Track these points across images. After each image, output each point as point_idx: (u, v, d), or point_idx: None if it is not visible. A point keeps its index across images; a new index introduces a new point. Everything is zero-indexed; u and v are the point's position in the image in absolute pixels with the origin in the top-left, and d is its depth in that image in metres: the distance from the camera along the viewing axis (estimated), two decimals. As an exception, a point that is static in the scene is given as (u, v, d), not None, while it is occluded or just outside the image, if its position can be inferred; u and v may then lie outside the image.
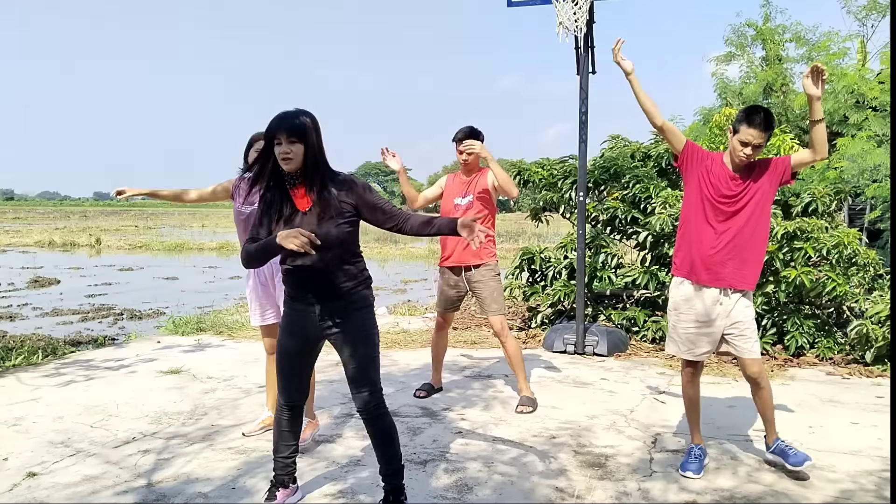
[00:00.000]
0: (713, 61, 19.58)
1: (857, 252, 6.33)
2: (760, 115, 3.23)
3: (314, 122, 2.78)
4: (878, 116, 11.63)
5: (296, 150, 2.69)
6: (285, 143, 2.69)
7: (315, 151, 2.74)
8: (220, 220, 50.12)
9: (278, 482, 3.04)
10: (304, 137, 2.70)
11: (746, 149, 3.24)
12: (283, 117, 2.72)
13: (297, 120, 2.71)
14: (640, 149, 7.72)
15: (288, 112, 2.75)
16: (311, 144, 2.72)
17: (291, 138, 2.68)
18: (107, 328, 8.27)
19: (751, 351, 3.37)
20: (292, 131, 2.68)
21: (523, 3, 6.23)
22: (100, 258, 18.95)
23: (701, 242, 3.35)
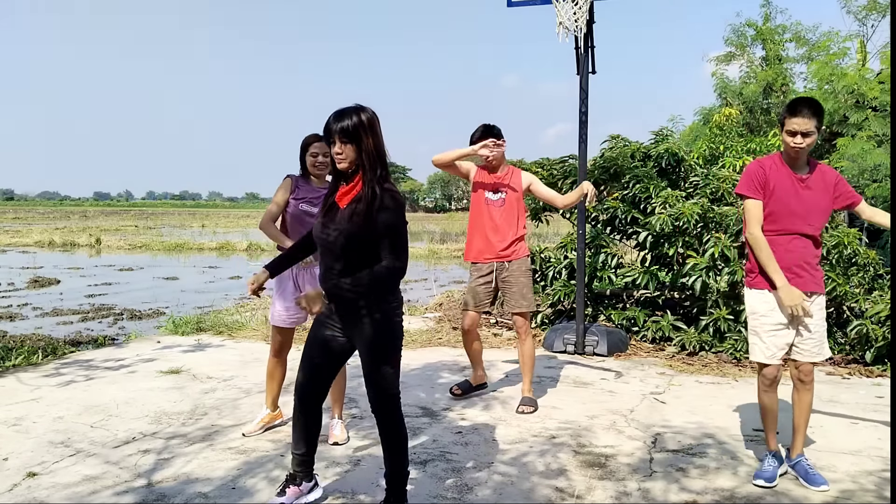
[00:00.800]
0: (713, 61, 19.63)
1: (857, 252, 6.34)
2: (804, 103, 3.24)
3: (370, 119, 2.73)
4: (878, 116, 11.63)
5: (347, 151, 2.69)
6: (338, 143, 2.69)
7: (368, 151, 2.70)
8: (220, 220, 50.14)
9: (291, 478, 3.02)
10: (356, 138, 2.69)
11: (796, 138, 3.23)
12: (337, 116, 2.70)
13: (350, 119, 2.68)
14: (640, 149, 7.72)
15: (343, 110, 2.72)
16: (362, 144, 2.70)
17: (343, 138, 2.68)
18: (107, 328, 8.27)
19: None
20: (344, 131, 2.67)
21: (523, 3, 6.23)
22: (100, 258, 18.96)
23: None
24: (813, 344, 3.34)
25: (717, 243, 6.29)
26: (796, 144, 3.23)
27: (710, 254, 6.32)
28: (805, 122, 3.19)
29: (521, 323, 4.68)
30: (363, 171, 2.72)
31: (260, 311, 8.66)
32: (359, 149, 2.70)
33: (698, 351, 6.23)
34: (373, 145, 2.72)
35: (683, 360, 6.03)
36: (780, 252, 3.30)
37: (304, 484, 3.04)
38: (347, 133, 2.67)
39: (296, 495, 3.00)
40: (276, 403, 4.12)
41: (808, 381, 3.39)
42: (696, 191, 7.05)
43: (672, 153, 7.41)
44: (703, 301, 6.46)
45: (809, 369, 3.38)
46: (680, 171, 7.55)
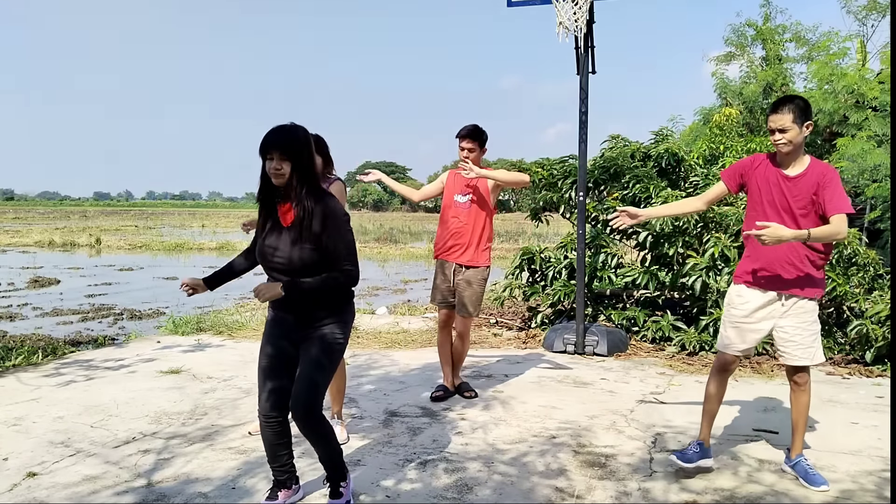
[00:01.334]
0: (713, 61, 19.63)
1: (857, 252, 6.34)
2: (781, 101, 3.26)
3: (307, 137, 2.78)
4: (878, 116, 11.63)
5: (286, 167, 2.70)
6: (277, 159, 2.70)
7: (304, 169, 2.73)
8: (220, 220, 50.13)
9: (279, 483, 3.04)
10: (295, 155, 2.71)
11: (774, 135, 3.26)
12: (277, 132, 2.72)
13: (290, 136, 2.72)
14: (640, 149, 7.72)
15: (282, 127, 2.75)
16: (300, 162, 2.72)
17: (283, 155, 2.69)
18: (107, 328, 8.27)
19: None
20: (284, 148, 2.69)
21: (523, 3, 6.23)
22: (100, 258, 18.96)
23: None
24: (794, 347, 3.32)
25: (717, 243, 6.30)
26: (775, 141, 3.27)
27: (710, 254, 6.33)
28: (780, 118, 3.21)
29: (461, 326, 4.82)
30: (297, 190, 2.72)
31: (260, 312, 8.67)
32: (295, 167, 2.71)
33: (698, 351, 6.23)
34: (307, 165, 2.75)
35: (683, 360, 6.03)
36: (758, 249, 3.32)
37: (294, 486, 3.07)
38: (288, 149, 2.69)
39: (287, 496, 3.04)
40: None
41: (802, 383, 3.39)
42: (696, 191, 7.05)
43: (672, 153, 7.42)
44: (703, 301, 6.47)
45: (800, 374, 3.38)
46: (680, 171, 7.55)
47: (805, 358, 3.32)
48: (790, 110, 3.20)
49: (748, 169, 3.41)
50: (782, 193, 3.29)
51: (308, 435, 2.85)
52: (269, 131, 2.73)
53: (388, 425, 4.19)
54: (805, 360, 3.32)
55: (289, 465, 3.03)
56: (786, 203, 3.28)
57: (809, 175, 3.27)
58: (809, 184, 3.26)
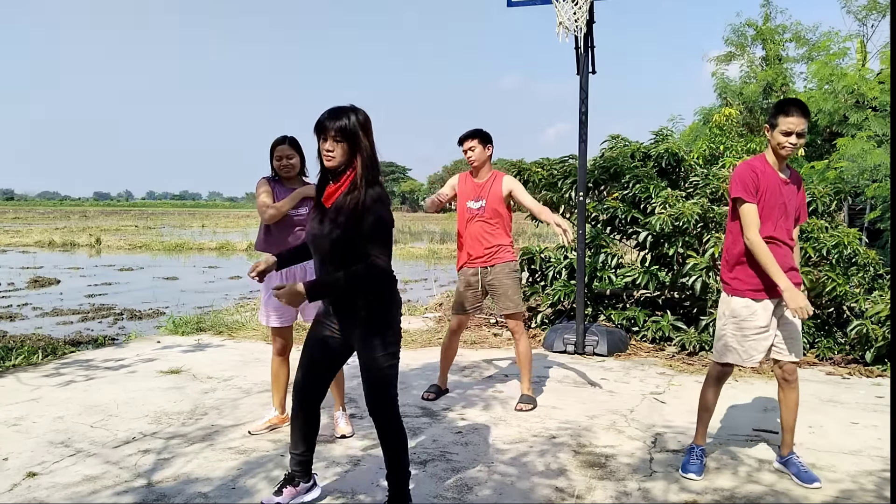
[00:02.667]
0: (713, 61, 19.65)
1: (857, 252, 6.34)
2: (794, 104, 3.26)
3: (364, 120, 2.71)
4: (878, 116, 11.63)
5: (338, 150, 2.67)
6: (329, 140, 2.67)
7: (360, 152, 2.69)
8: (219, 220, 50.13)
9: (288, 478, 3.02)
10: (349, 137, 2.67)
11: (791, 138, 3.23)
12: (332, 114, 2.68)
13: (345, 118, 2.67)
14: (640, 149, 7.72)
15: (338, 108, 2.70)
16: (355, 144, 2.68)
17: (336, 136, 2.66)
18: (107, 328, 8.27)
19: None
20: (338, 130, 2.65)
21: (523, 3, 6.23)
22: (100, 258, 18.95)
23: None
24: (792, 344, 3.37)
25: (717, 243, 6.29)
26: (791, 144, 3.24)
27: (710, 254, 6.33)
28: (800, 121, 3.22)
29: (512, 325, 4.71)
30: (354, 172, 2.70)
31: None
32: (351, 149, 2.68)
33: (698, 351, 6.23)
34: (367, 146, 2.70)
35: (683, 360, 6.03)
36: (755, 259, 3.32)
37: (302, 484, 3.04)
38: (342, 131, 2.66)
39: (292, 496, 3.01)
40: (283, 406, 4.12)
41: (793, 380, 3.41)
42: (696, 191, 7.05)
43: (672, 153, 7.42)
44: (703, 301, 6.46)
45: (792, 368, 3.40)
46: (680, 171, 7.55)
47: (799, 352, 3.41)
48: (804, 114, 3.23)
49: (758, 178, 3.31)
50: (782, 196, 3.31)
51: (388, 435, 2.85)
52: (325, 112, 2.69)
53: (388, 425, 4.18)
54: (800, 354, 3.41)
55: (307, 457, 3.01)
56: (784, 205, 3.32)
57: (794, 178, 3.39)
58: (795, 188, 3.37)
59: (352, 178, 2.70)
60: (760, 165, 3.36)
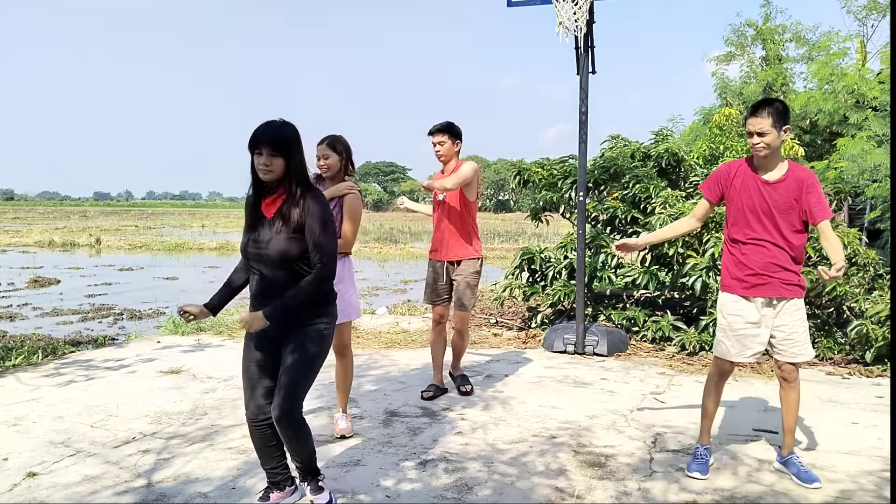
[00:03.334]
0: (713, 61, 19.64)
1: (857, 252, 6.34)
2: (760, 104, 3.27)
3: (296, 135, 2.79)
4: (878, 116, 11.62)
5: (276, 163, 2.72)
6: (266, 155, 2.71)
7: (294, 165, 2.76)
8: (220, 220, 50.12)
9: (273, 485, 3.03)
10: (286, 151, 2.73)
11: (753, 138, 3.26)
12: (267, 129, 2.74)
13: (281, 133, 2.73)
14: (640, 149, 7.72)
15: (271, 123, 2.77)
16: (291, 158, 2.74)
17: (273, 151, 2.71)
18: (107, 328, 8.27)
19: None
20: (275, 144, 2.71)
21: (523, 3, 6.23)
22: (100, 258, 18.95)
23: None
24: (791, 345, 3.34)
25: (718, 243, 6.29)
26: (753, 144, 3.27)
27: (710, 254, 6.33)
28: (759, 121, 3.21)
29: (457, 320, 4.87)
30: (288, 184, 2.76)
31: (260, 311, 8.65)
32: (287, 162, 2.73)
33: (698, 351, 6.23)
34: (299, 158, 2.78)
35: (683, 360, 6.03)
36: (737, 257, 3.36)
37: (288, 488, 3.05)
38: (280, 145, 2.71)
39: (280, 498, 3.02)
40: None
41: (792, 380, 3.41)
42: (696, 191, 7.05)
43: (672, 153, 7.42)
44: (703, 301, 6.46)
45: (790, 369, 3.40)
46: (680, 171, 7.55)
47: (801, 355, 3.35)
48: (769, 114, 3.20)
49: (725, 178, 3.41)
50: (763, 198, 3.30)
51: (287, 439, 2.84)
52: (259, 127, 2.75)
53: (388, 425, 4.19)
54: (801, 356, 3.36)
55: (282, 467, 3.02)
56: (766, 207, 3.29)
57: (789, 181, 3.29)
58: (790, 189, 3.28)
59: (289, 189, 2.76)
60: (739, 166, 3.39)
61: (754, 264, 3.32)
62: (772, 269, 3.30)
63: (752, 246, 3.32)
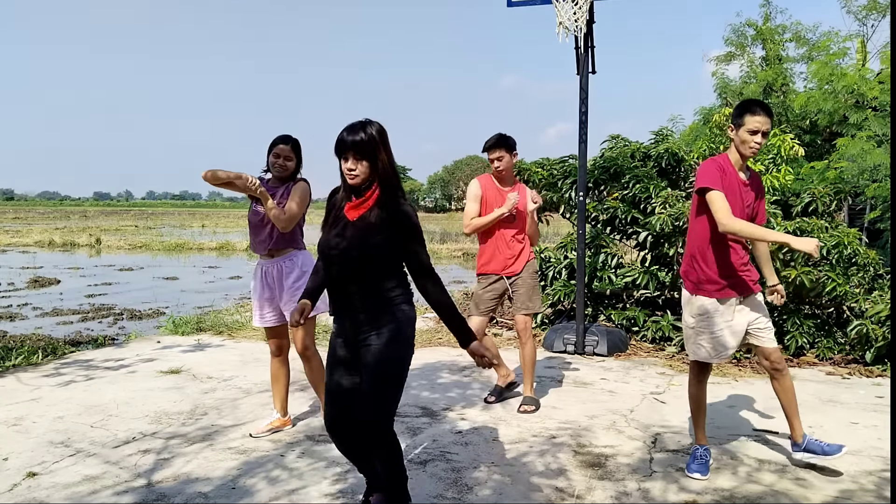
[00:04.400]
0: (713, 61, 19.65)
1: (857, 252, 6.33)
2: (758, 104, 3.30)
3: (382, 134, 2.66)
4: (878, 116, 11.62)
5: (361, 167, 2.61)
6: (352, 159, 2.60)
7: (382, 167, 2.65)
8: (220, 219, 50.13)
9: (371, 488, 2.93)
10: (371, 154, 2.61)
11: (757, 136, 3.25)
12: (351, 131, 2.61)
13: (364, 135, 2.60)
14: (640, 149, 7.72)
15: (355, 125, 2.63)
16: (377, 160, 2.63)
17: (357, 154, 2.60)
18: (107, 328, 8.27)
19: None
20: (359, 149, 2.59)
21: (523, 3, 6.24)
22: (100, 258, 18.96)
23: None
24: (770, 331, 3.43)
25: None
26: (757, 143, 3.27)
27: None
28: (766, 120, 3.25)
29: (521, 324, 4.67)
30: (379, 187, 2.65)
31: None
32: (373, 164, 2.63)
33: (698, 351, 6.22)
34: (387, 160, 2.66)
35: (683, 360, 6.03)
36: (721, 257, 3.35)
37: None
38: (363, 149, 2.60)
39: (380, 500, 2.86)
40: (285, 409, 4.12)
41: (781, 367, 3.43)
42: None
43: (672, 153, 7.41)
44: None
45: (778, 355, 3.42)
46: (680, 171, 7.55)
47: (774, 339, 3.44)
48: (769, 114, 3.26)
49: (722, 173, 3.35)
50: (741, 196, 3.34)
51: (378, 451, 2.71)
52: (344, 130, 2.63)
53: (388, 425, 4.18)
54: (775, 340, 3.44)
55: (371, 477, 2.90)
56: (742, 206, 3.34)
57: (754, 180, 3.42)
58: (755, 189, 3.40)
59: (378, 194, 2.65)
60: (724, 164, 3.39)
61: (732, 265, 3.35)
62: (742, 269, 3.38)
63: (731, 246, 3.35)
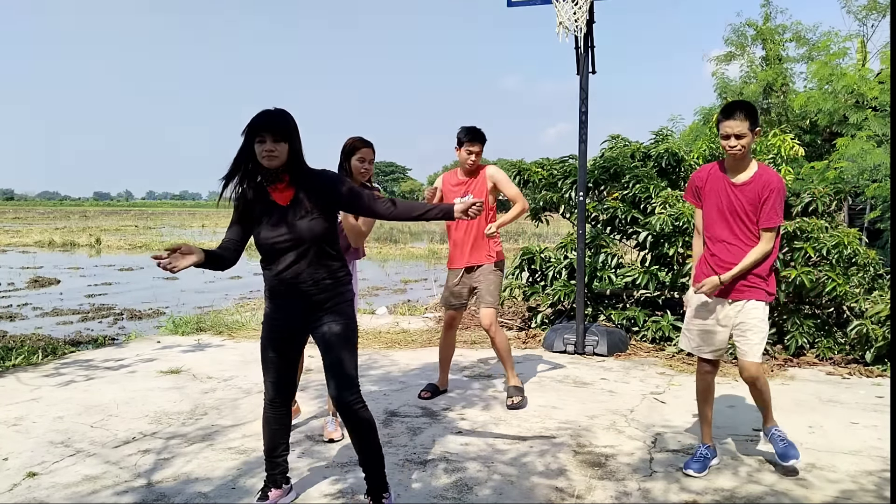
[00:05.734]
0: (713, 61, 19.64)
1: (857, 252, 6.33)
2: (735, 106, 3.28)
3: (294, 121, 2.88)
4: (878, 116, 11.61)
5: (280, 149, 2.77)
6: (270, 141, 2.75)
7: (297, 149, 2.85)
8: (220, 220, 50.09)
9: (271, 482, 3.06)
10: (289, 136, 2.79)
11: (729, 140, 3.26)
12: (270, 116, 2.79)
13: (283, 119, 2.81)
14: (640, 149, 7.71)
15: (272, 111, 2.82)
16: (294, 143, 2.82)
17: (277, 137, 2.76)
18: (107, 328, 8.27)
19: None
20: (278, 130, 2.76)
21: (523, 3, 6.23)
22: (100, 258, 18.96)
23: None
24: (743, 342, 3.39)
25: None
26: (730, 147, 3.27)
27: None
28: (737, 124, 3.22)
29: (486, 320, 4.64)
30: (293, 169, 2.83)
31: (260, 312, 8.66)
32: (291, 147, 2.80)
33: (698, 351, 6.21)
34: (299, 146, 2.87)
35: (683, 360, 6.03)
36: (705, 255, 3.46)
37: (284, 486, 3.09)
38: (283, 131, 2.77)
39: (278, 497, 3.05)
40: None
41: (746, 378, 3.44)
42: (696, 191, 7.04)
43: (672, 153, 7.41)
44: (703, 301, 6.45)
45: (745, 365, 3.40)
46: (680, 171, 7.54)
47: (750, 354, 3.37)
48: (745, 116, 3.23)
49: (701, 182, 3.47)
50: (730, 200, 3.35)
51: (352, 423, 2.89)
52: (260, 114, 2.79)
53: (388, 425, 4.18)
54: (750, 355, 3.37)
55: (283, 459, 3.07)
56: (733, 209, 3.34)
57: (755, 183, 3.33)
58: (755, 192, 3.32)
59: (297, 174, 2.84)
60: (711, 168, 3.45)
61: (714, 263, 3.38)
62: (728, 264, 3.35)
63: (722, 245, 3.37)
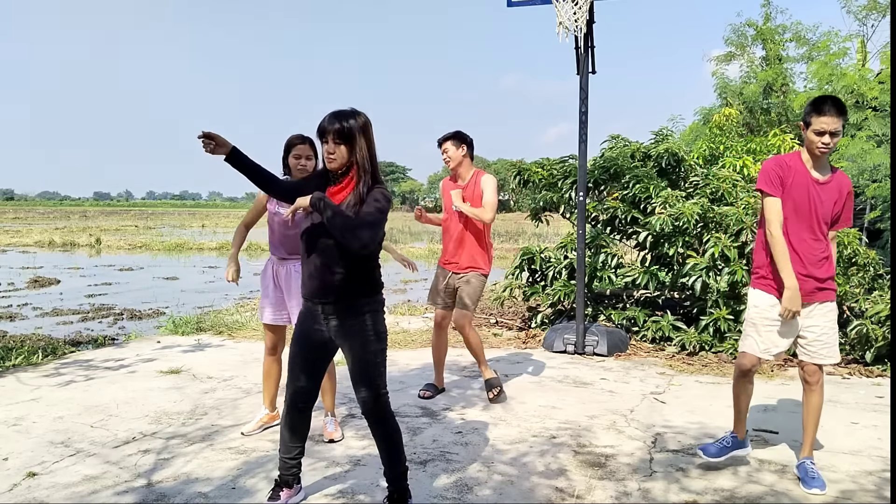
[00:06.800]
0: (713, 61, 19.66)
1: (857, 252, 6.33)
2: (829, 101, 3.18)
3: (364, 123, 2.80)
4: (878, 116, 11.62)
5: (339, 151, 2.75)
6: (331, 142, 2.75)
7: (360, 154, 2.77)
8: (220, 220, 50.12)
9: (282, 482, 3.04)
10: (349, 139, 2.75)
11: (824, 137, 3.18)
12: (333, 117, 2.77)
13: (345, 121, 2.75)
14: (640, 149, 7.72)
15: (339, 112, 2.79)
16: (355, 147, 2.76)
17: (337, 139, 2.74)
18: (107, 328, 8.26)
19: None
20: (338, 132, 2.74)
21: (523, 3, 6.23)
22: (100, 258, 18.95)
23: None
24: (820, 346, 3.33)
25: (717, 243, 6.29)
26: (824, 144, 3.18)
27: (710, 254, 6.32)
28: (833, 120, 3.14)
29: (459, 317, 4.70)
30: (356, 172, 2.79)
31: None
32: (351, 150, 2.76)
33: (698, 351, 6.22)
34: (366, 148, 2.79)
35: (683, 360, 6.03)
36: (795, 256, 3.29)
37: (295, 486, 3.08)
38: (342, 134, 2.74)
39: (289, 496, 3.04)
40: (273, 404, 4.13)
41: (814, 382, 3.38)
42: (696, 191, 7.05)
43: (672, 153, 7.41)
44: (703, 301, 6.46)
45: (813, 369, 3.37)
46: (680, 171, 7.55)
47: (828, 357, 3.33)
48: (839, 112, 3.15)
49: (785, 172, 3.28)
50: (811, 198, 3.25)
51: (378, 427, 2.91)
52: (327, 115, 2.78)
53: (388, 425, 4.18)
54: (828, 358, 3.33)
55: (297, 462, 3.05)
56: (814, 207, 3.25)
57: (835, 182, 3.27)
58: (834, 190, 3.26)
59: (355, 180, 2.79)
60: (791, 161, 3.30)
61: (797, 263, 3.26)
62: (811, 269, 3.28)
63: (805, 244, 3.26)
